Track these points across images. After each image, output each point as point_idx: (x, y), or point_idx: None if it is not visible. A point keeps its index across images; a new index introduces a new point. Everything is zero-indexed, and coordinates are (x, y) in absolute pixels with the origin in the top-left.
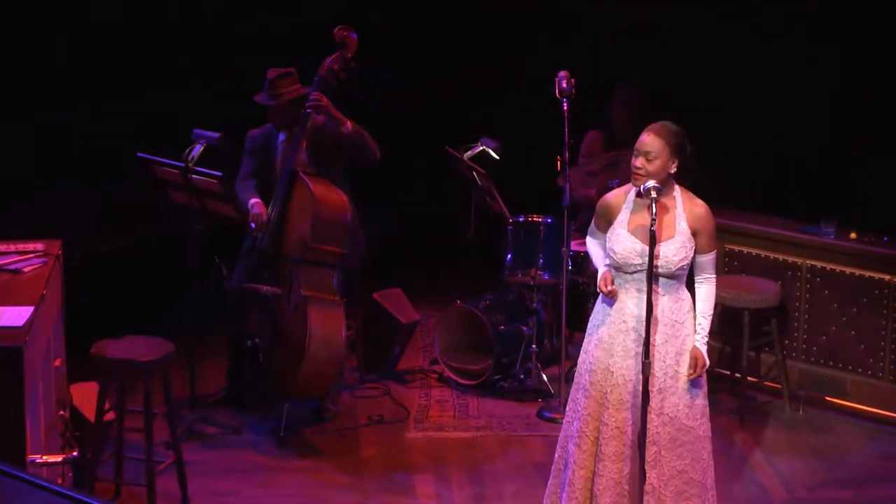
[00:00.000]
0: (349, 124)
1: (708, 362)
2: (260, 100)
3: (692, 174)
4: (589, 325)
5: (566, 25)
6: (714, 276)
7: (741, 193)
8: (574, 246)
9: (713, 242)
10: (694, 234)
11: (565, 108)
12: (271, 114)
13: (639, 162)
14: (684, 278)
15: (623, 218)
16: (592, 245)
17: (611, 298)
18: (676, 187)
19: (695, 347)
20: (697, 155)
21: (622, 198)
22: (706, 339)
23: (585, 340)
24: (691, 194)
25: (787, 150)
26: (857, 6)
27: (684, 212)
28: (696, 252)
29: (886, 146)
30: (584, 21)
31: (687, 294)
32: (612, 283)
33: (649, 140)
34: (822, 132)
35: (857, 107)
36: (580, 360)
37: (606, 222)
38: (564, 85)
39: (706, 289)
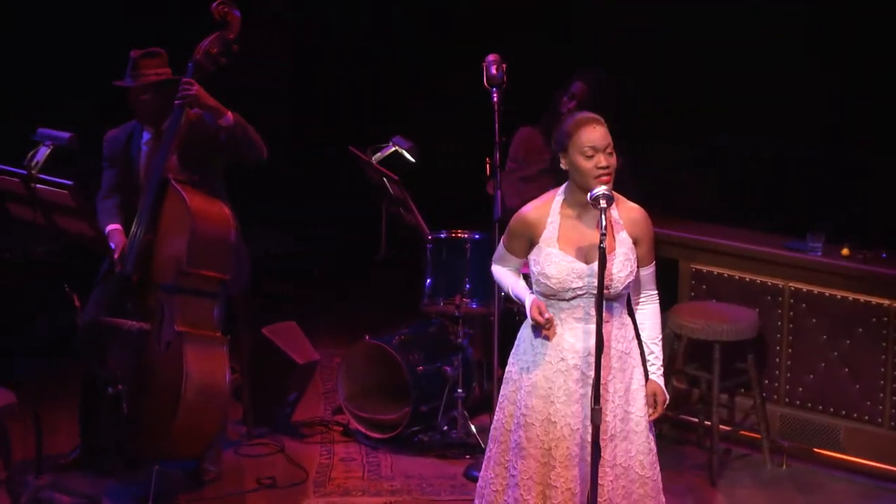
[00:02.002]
0: (230, 115)
1: (668, 398)
2: (120, 83)
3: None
4: (512, 368)
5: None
6: (657, 292)
7: (713, 200)
8: None
9: (653, 252)
10: (633, 242)
11: (495, 99)
12: (134, 102)
13: (604, 160)
14: (626, 299)
15: (550, 234)
16: (503, 274)
17: (547, 330)
18: None
19: (652, 381)
20: (669, 157)
21: (544, 210)
22: (662, 370)
23: (508, 388)
24: (622, 197)
25: (772, 151)
26: (856, 6)
27: (621, 218)
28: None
29: (886, 148)
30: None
31: (629, 318)
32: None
33: (604, 132)
34: (812, 132)
35: (854, 106)
36: (504, 413)
37: (527, 243)
38: (494, 71)
39: (651, 309)
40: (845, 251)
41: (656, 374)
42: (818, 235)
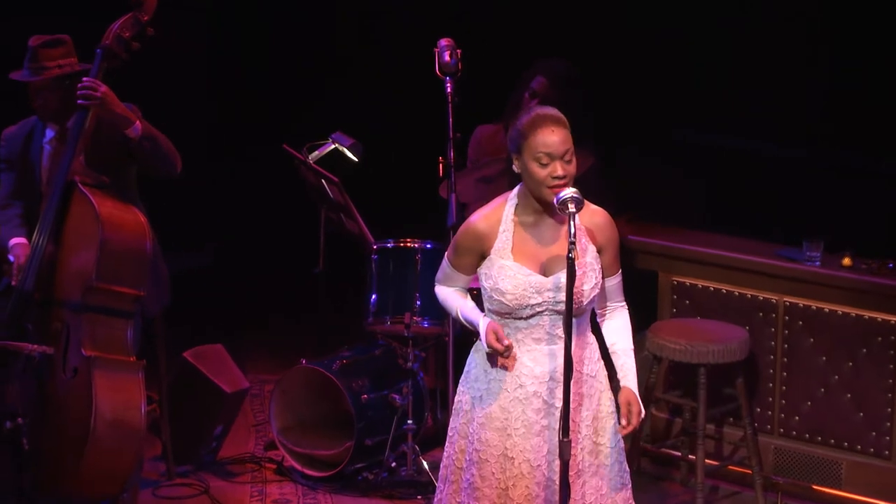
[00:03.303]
0: (138, 124)
1: (643, 411)
2: (18, 76)
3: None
4: (462, 398)
5: None
6: (625, 302)
7: (697, 204)
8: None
9: (619, 260)
10: (598, 250)
11: (449, 89)
12: (34, 99)
13: (560, 169)
14: (589, 314)
15: (503, 245)
16: (449, 295)
17: (507, 358)
18: None
19: (625, 388)
20: (647, 156)
21: (495, 218)
22: (636, 380)
23: (459, 420)
24: (584, 200)
25: (764, 149)
26: None
27: (583, 223)
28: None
29: (891, 147)
30: None
31: (593, 337)
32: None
33: (563, 136)
34: (810, 130)
35: (857, 103)
36: (455, 448)
37: (477, 258)
38: (447, 58)
39: (621, 318)
40: (847, 261)
41: (631, 382)
42: (816, 243)
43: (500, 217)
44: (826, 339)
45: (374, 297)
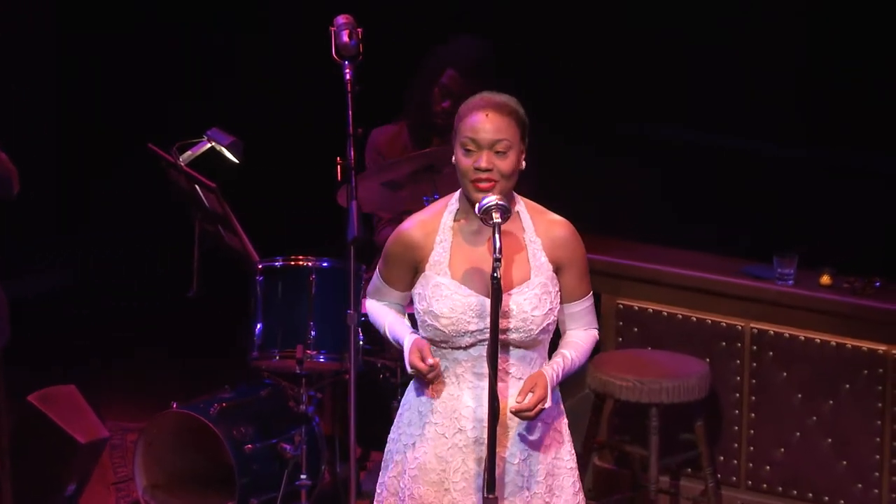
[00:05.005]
0: None
1: (550, 400)
2: None
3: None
4: (392, 446)
5: None
6: (597, 329)
7: (647, 212)
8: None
9: (587, 280)
10: (557, 269)
11: (348, 76)
12: None
13: (485, 161)
14: (547, 347)
15: (439, 259)
16: (379, 310)
17: (432, 381)
18: (519, 199)
19: (540, 373)
20: (572, 155)
21: (432, 226)
22: (560, 373)
23: (389, 473)
24: (541, 207)
25: (728, 147)
26: None
27: (538, 236)
28: (562, 300)
29: (876, 144)
30: None
31: None
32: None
33: (499, 124)
34: (783, 125)
35: (838, 95)
36: None
37: (410, 271)
38: (346, 38)
39: (586, 333)
40: (826, 279)
41: (549, 368)
42: (789, 258)
43: (438, 224)
44: (802, 372)
45: (259, 326)
